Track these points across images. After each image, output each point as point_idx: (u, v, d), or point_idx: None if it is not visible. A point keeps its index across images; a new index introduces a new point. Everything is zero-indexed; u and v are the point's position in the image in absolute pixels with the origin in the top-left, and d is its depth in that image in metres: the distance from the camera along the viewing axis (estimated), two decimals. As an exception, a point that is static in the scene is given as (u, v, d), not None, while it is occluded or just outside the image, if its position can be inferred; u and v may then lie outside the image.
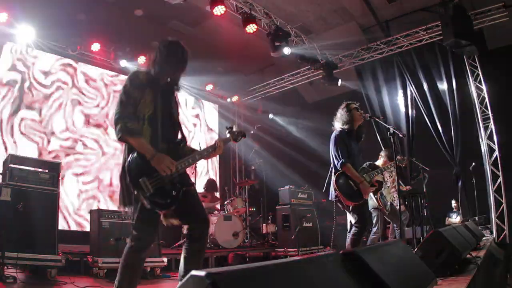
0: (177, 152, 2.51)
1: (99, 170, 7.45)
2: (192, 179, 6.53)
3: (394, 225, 5.68)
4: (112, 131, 7.75)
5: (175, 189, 2.38)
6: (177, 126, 2.62)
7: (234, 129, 2.89)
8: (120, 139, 2.35)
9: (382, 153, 5.78)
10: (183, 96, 9.39)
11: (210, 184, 7.59)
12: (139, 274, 2.44)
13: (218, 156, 9.66)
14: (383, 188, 5.39)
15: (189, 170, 2.64)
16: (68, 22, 6.50)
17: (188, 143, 2.68)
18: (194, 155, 2.55)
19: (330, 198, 3.91)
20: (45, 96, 6.93)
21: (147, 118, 2.41)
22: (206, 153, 2.62)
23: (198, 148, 2.68)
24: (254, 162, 9.72)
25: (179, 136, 2.63)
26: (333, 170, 3.85)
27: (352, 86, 9.20)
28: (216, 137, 10.03)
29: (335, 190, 3.78)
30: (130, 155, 2.33)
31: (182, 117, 2.69)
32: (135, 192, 2.28)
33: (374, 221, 5.18)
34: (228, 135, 2.84)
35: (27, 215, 3.95)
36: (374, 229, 5.16)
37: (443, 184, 7.39)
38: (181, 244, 6.18)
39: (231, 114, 10.42)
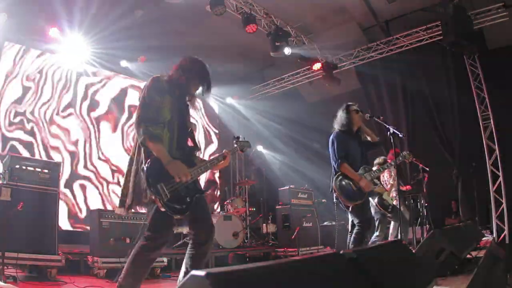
0: (191, 159, 2.61)
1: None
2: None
3: (395, 224, 5.68)
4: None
5: (189, 195, 2.45)
6: (190, 134, 2.72)
7: (241, 139, 3.04)
8: (142, 143, 2.40)
9: (378, 160, 5.74)
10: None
11: (210, 183, 7.59)
12: (144, 275, 2.46)
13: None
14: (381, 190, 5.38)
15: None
16: (67, 23, 6.51)
17: (200, 151, 2.79)
18: (205, 164, 2.67)
19: (334, 200, 3.92)
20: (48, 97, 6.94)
21: (166, 124, 2.48)
22: (216, 162, 2.77)
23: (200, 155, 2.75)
24: (254, 162, 9.71)
25: (191, 144, 2.72)
26: (333, 172, 3.86)
27: (352, 86, 9.20)
28: (215, 137, 10.04)
29: (334, 191, 3.79)
30: (149, 160, 2.36)
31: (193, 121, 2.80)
32: (153, 197, 2.32)
33: (376, 225, 5.16)
34: (235, 145, 2.99)
35: (27, 215, 3.95)
36: (376, 233, 5.15)
37: (443, 184, 7.39)
38: (181, 244, 6.18)
39: (231, 114, 10.41)
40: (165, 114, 2.47)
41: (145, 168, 2.35)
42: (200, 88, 2.72)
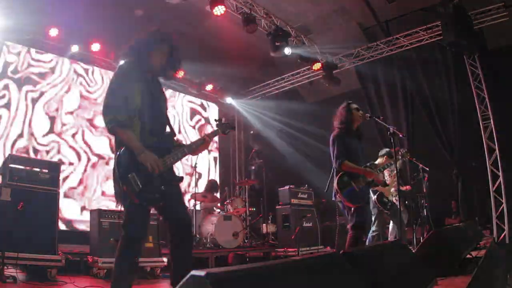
0: (166, 146, 2.50)
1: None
2: (193, 181, 6.47)
3: (394, 224, 5.69)
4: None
5: (164, 184, 2.36)
6: (165, 119, 2.60)
7: (223, 121, 2.89)
8: (110, 131, 2.33)
9: (382, 152, 5.77)
10: (183, 96, 9.40)
11: (211, 185, 7.58)
12: (133, 273, 2.42)
13: (218, 156, 9.82)
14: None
15: (190, 171, 2.65)
16: (68, 22, 6.51)
17: (176, 137, 2.66)
18: (182, 149, 2.54)
19: (333, 199, 3.91)
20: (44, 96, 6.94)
21: (137, 112, 2.38)
22: (195, 147, 2.61)
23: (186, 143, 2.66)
24: (254, 162, 9.71)
25: (168, 129, 2.60)
26: (334, 171, 3.84)
27: (352, 86, 9.20)
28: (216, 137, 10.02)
29: (336, 191, 3.77)
30: (119, 150, 2.30)
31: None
32: (124, 188, 2.24)
33: (372, 219, 5.17)
34: (216, 128, 2.84)
35: (27, 215, 3.95)
36: (373, 228, 5.15)
37: (443, 184, 7.39)
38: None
39: (231, 114, 10.42)
40: (135, 102, 2.37)
41: (115, 158, 2.28)
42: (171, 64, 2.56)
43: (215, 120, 2.92)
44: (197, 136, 9.44)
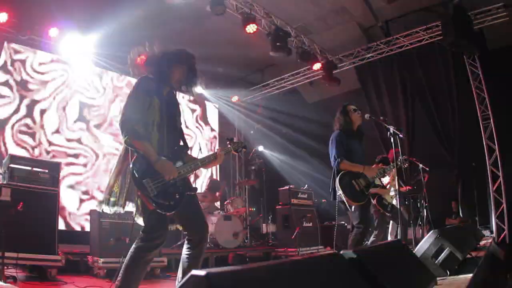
0: (180, 158, 2.58)
1: (98, 171, 7.45)
2: (193, 179, 6.47)
3: (394, 224, 5.68)
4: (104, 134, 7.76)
5: (178, 192, 2.43)
6: (180, 133, 2.70)
7: (235, 140, 3.01)
8: (126, 142, 2.38)
9: (376, 160, 5.74)
10: (182, 97, 9.39)
11: (213, 184, 7.58)
12: (142, 276, 2.44)
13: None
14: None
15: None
16: (65, 21, 6.51)
17: (189, 151, 2.75)
18: (196, 162, 2.63)
19: (331, 199, 3.91)
20: (43, 96, 6.94)
21: (155, 125, 2.47)
22: (208, 161, 2.71)
23: (196, 154, 2.74)
24: (254, 162, 9.71)
25: (181, 143, 2.70)
26: (335, 171, 3.85)
27: (352, 86, 9.20)
28: (216, 137, 10.04)
29: (337, 190, 3.78)
30: (135, 156, 2.35)
31: (183, 120, 2.76)
32: (139, 193, 2.31)
33: (375, 224, 5.17)
34: (228, 146, 2.93)
35: (27, 215, 3.95)
36: (375, 232, 5.15)
37: (443, 184, 7.39)
38: (181, 244, 6.18)
39: (231, 114, 10.42)
40: (154, 115, 2.46)
41: (131, 165, 2.34)
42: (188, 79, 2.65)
43: (227, 139, 3.01)
44: (198, 136, 9.45)
